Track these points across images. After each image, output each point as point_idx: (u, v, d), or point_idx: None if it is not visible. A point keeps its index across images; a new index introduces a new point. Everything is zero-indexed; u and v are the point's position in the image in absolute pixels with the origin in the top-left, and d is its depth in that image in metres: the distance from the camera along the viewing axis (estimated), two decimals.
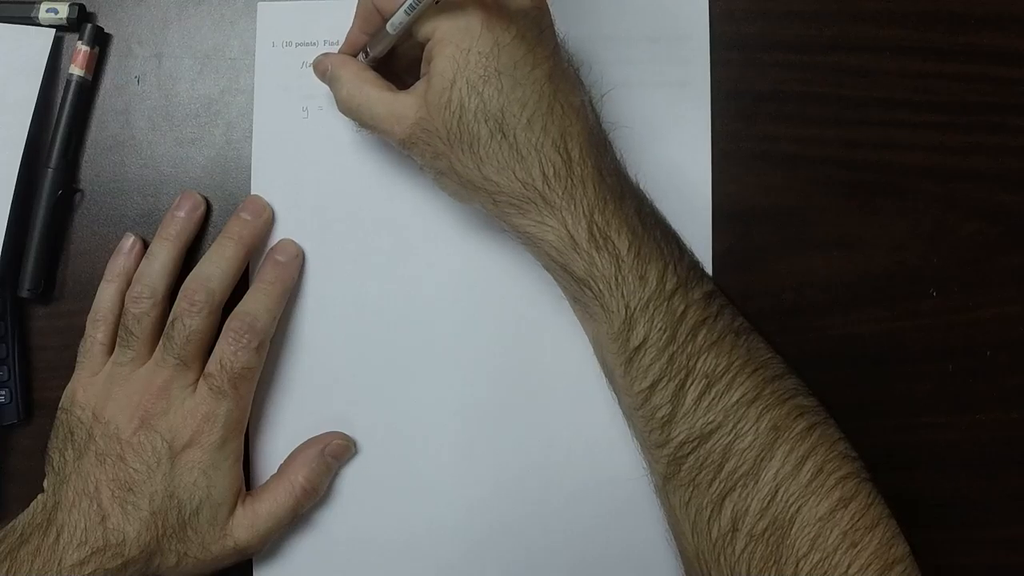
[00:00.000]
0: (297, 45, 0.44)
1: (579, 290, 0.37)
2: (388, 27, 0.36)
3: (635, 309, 0.36)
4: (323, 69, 0.41)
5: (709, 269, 0.43)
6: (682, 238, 0.39)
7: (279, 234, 0.44)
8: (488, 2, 0.35)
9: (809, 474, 0.34)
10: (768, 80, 0.44)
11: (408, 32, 0.36)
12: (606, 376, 0.40)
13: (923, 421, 0.44)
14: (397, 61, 0.40)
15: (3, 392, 0.44)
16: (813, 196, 0.44)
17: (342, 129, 0.44)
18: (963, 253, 0.44)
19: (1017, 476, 0.43)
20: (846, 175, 0.44)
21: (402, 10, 0.35)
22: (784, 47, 0.44)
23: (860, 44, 0.44)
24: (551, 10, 0.37)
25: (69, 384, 0.42)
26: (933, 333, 0.44)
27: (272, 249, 0.43)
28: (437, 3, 0.34)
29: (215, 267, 0.41)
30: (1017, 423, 0.43)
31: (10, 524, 0.40)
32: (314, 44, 0.44)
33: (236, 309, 0.41)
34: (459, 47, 0.35)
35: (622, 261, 0.36)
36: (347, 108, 0.39)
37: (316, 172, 0.44)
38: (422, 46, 0.37)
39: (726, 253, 0.43)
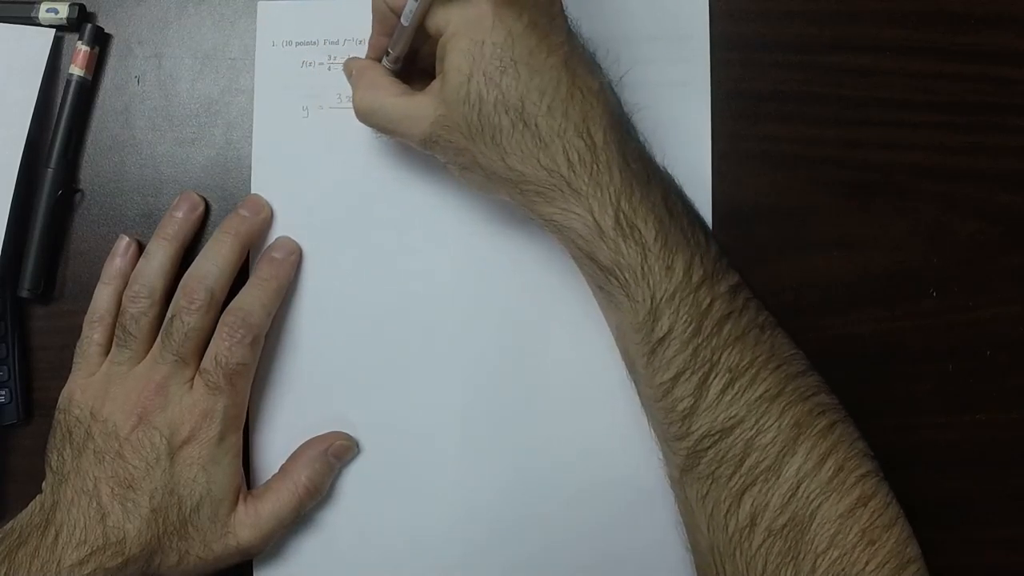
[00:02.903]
0: (297, 44, 0.44)
1: (604, 279, 0.37)
2: (402, 19, 0.36)
3: (661, 300, 0.35)
4: (348, 72, 0.41)
5: None
6: (708, 226, 0.38)
7: (279, 233, 0.44)
8: None
9: (830, 471, 0.34)
10: (768, 80, 0.44)
11: (424, 29, 0.36)
12: (626, 365, 0.39)
13: (923, 421, 0.44)
14: (421, 63, 0.40)
15: (3, 392, 0.44)
16: (813, 196, 0.44)
17: (342, 129, 0.44)
18: (963, 253, 0.44)
19: (1017, 476, 0.43)
20: (846, 175, 0.44)
21: None
22: (784, 47, 0.44)
23: (860, 44, 0.44)
24: None
25: (66, 385, 0.42)
26: (933, 333, 0.44)
27: (269, 247, 0.43)
28: None
29: (212, 264, 0.41)
30: (1017, 423, 0.43)
31: (8, 525, 0.40)
32: (314, 43, 0.44)
33: (231, 305, 0.41)
34: (473, 40, 0.35)
35: (648, 250, 0.35)
36: (361, 114, 0.39)
37: (316, 172, 0.44)
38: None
39: (726, 253, 0.43)
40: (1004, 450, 0.43)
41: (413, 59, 0.40)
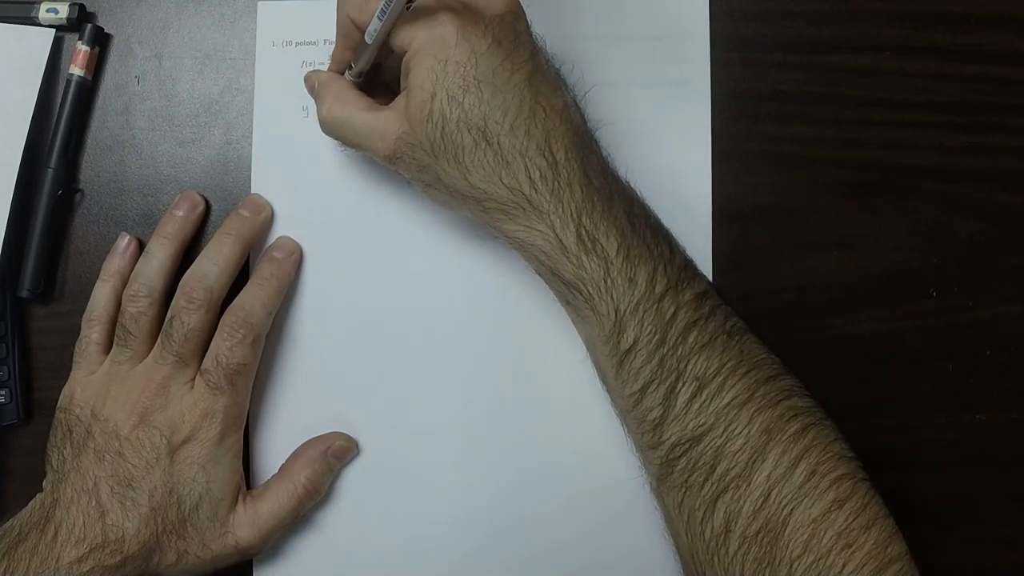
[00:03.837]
0: (297, 44, 0.44)
1: (569, 293, 0.37)
2: (365, 37, 0.36)
3: (625, 312, 0.36)
4: (311, 86, 0.41)
5: (709, 269, 0.43)
6: (674, 237, 0.38)
7: (279, 233, 0.44)
8: (461, 8, 0.35)
9: (802, 476, 0.34)
10: (768, 80, 0.44)
11: (387, 45, 0.36)
12: (599, 378, 0.40)
13: (923, 421, 0.44)
14: (384, 76, 0.40)
15: (3, 392, 0.44)
16: (813, 196, 0.44)
17: None
18: (963, 253, 0.44)
19: (1017, 476, 0.43)
20: (846, 175, 0.44)
21: (375, 17, 0.35)
22: (784, 47, 0.44)
23: (860, 44, 0.44)
24: (550, 9, 0.37)
25: (67, 384, 0.42)
26: (933, 333, 0.44)
27: (270, 246, 0.43)
28: (408, 8, 0.34)
29: (212, 264, 0.41)
30: (1017, 423, 0.43)
31: (8, 523, 0.40)
32: (314, 43, 0.44)
33: (231, 305, 0.41)
34: (436, 58, 0.35)
35: (611, 264, 0.36)
36: (328, 127, 0.39)
37: (316, 172, 0.44)
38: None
39: (726, 253, 0.43)
40: (1004, 450, 0.43)
41: (376, 72, 0.40)
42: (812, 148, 0.44)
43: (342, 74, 0.40)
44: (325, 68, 0.44)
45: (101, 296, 0.42)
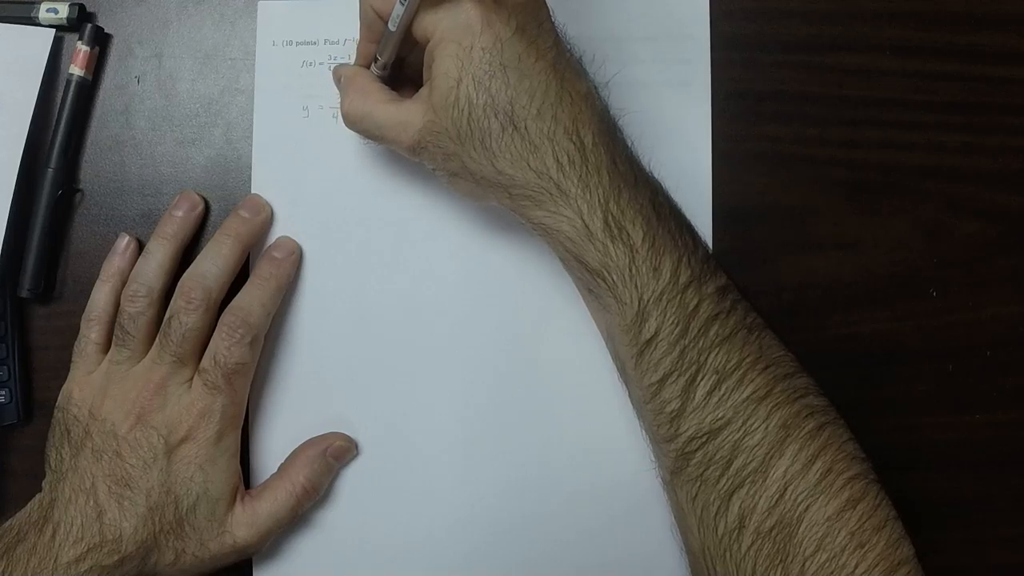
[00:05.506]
0: (298, 44, 0.44)
1: (593, 281, 0.37)
2: (389, 24, 0.36)
3: (648, 301, 0.36)
4: (337, 78, 0.41)
5: None
6: (696, 229, 0.38)
7: (279, 233, 0.44)
8: None
9: (818, 474, 0.34)
10: (768, 80, 0.44)
11: (411, 34, 0.36)
12: (617, 368, 0.40)
13: (923, 421, 0.44)
14: (408, 71, 0.40)
15: (3, 392, 0.44)
16: (813, 196, 0.44)
17: (343, 128, 0.43)
18: (963, 253, 0.44)
19: (1017, 476, 0.43)
20: (846, 175, 0.44)
21: (397, 2, 0.35)
22: (784, 47, 0.44)
23: (860, 44, 0.44)
24: (551, 7, 0.37)
25: (65, 384, 0.42)
26: (933, 333, 0.44)
27: (269, 246, 0.43)
28: None
29: (211, 264, 0.41)
30: (1017, 423, 0.43)
31: (7, 522, 0.40)
32: (314, 43, 0.44)
33: (230, 304, 0.41)
34: (461, 45, 0.35)
35: (636, 252, 0.35)
36: (350, 120, 0.39)
37: (316, 171, 0.44)
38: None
39: (726, 253, 0.43)
40: (1004, 450, 0.43)
41: (400, 67, 0.40)
42: (812, 148, 0.44)
43: (367, 68, 0.40)
44: (325, 67, 0.44)
45: (100, 296, 0.42)
